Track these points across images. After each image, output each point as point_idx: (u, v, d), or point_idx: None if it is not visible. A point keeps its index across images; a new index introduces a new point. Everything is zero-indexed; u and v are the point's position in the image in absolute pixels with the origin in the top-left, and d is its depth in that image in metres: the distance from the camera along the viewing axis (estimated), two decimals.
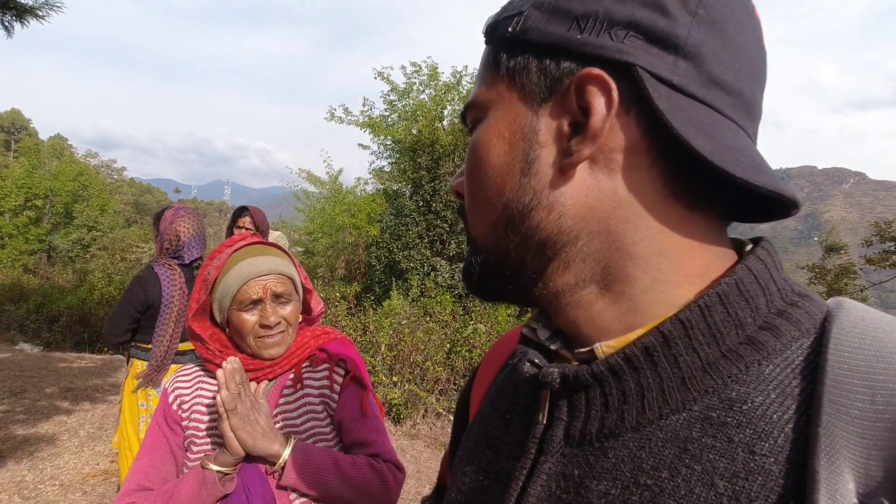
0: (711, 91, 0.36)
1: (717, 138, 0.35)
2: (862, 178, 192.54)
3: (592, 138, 0.36)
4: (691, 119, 0.34)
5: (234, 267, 1.10)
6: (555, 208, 0.38)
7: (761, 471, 0.30)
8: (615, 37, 0.35)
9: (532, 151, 0.38)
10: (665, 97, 0.34)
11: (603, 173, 0.37)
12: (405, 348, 5.49)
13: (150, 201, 43.92)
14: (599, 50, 0.35)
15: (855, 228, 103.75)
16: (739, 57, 0.37)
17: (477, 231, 0.42)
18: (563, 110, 0.37)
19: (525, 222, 0.39)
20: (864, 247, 11.07)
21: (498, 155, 0.40)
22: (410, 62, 9.13)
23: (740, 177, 0.34)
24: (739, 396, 0.33)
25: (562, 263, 0.38)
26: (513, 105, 0.39)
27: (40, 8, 4.25)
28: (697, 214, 0.37)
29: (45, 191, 20.83)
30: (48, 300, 9.89)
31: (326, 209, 10.22)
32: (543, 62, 0.38)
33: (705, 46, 0.35)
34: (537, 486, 0.38)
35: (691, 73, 0.35)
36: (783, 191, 0.35)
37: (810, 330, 0.34)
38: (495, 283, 0.42)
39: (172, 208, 2.74)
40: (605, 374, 0.36)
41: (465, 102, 5.62)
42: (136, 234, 14.79)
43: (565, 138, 0.37)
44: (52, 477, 3.58)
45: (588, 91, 0.35)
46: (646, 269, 0.37)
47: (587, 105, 0.35)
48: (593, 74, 0.35)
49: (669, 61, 0.35)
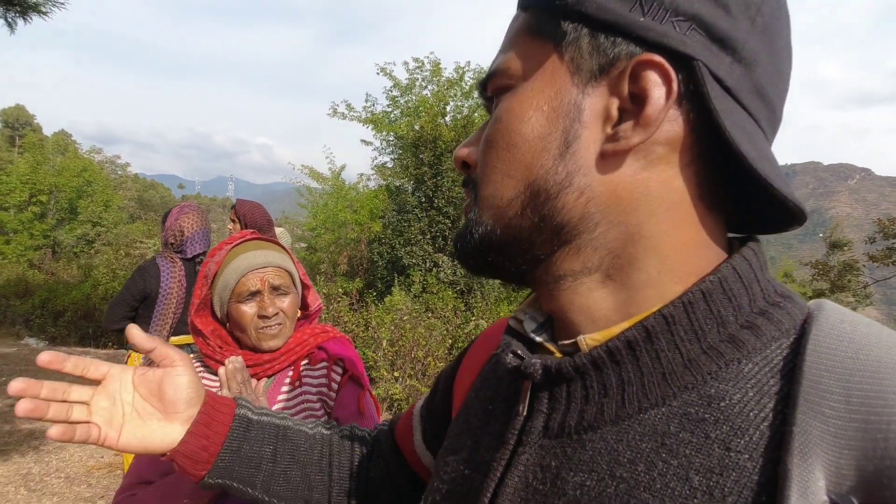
0: (755, 101, 0.36)
1: (758, 147, 0.35)
2: (868, 174, 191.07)
3: (645, 127, 0.34)
4: (739, 124, 0.34)
5: (232, 261, 1.13)
6: (585, 192, 0.36)
7: (736, 467, 0.31)
8: (678, 27, 0.34)
9: (573, 130, 0.36)
10: (720, 97, 0.34)
11: (640, 164, 0.36)
12: (407, 344, 5.50)
13: (153, 197, 44.01)
14: (662, 38, 0.34)
15: (860, 225, 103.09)
16: (779, 70, 0.37)
17: (489, 202, 0.40)
18: (613, 93, 0.36)
19: (550, 202, 0.37)
20: (868, 243, 11.01)
21: (533, 128, 0.37)
22: (413, 58, 9.13)
23: (778, 188, 0.34)
24: (718, 393, 0.33)
25: (573, 249, 0.38)
26: (557, 78, 0.37)
27: (43, 4, 4.26)
28: (713, 215, 0.38)
29: (50, 186, 20.90)
30: (53, 295, 9.94)
31: (329, 205, 10.22)
32: (598, 38, 0.35)
33: (760, 55, 0.35)
34: (515, 477, 0.39)
35: (743, 79, 0.35)
36: (802, 206, 0.36)
37: (790, 330, 0.35)
38: (495, 257, 0.41)
39: (179, 206, 2.82)
40: (586, 366, 0.37)
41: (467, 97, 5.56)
42: (139, 230, 14.84)
43: (612, 122, 0.36)
44: (57, 469, 3.62)
45: (645, 77, 0.34)
46: (656, 263, 0.37)
47: (643, 92, 0.34)
48: (655, 61, 0.34)
49: (727, 63, 0.34)
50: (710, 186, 0.37)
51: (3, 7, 4.11)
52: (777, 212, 0.38)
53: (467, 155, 0.43)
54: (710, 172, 0.36)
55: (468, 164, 0.43)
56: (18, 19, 4.22)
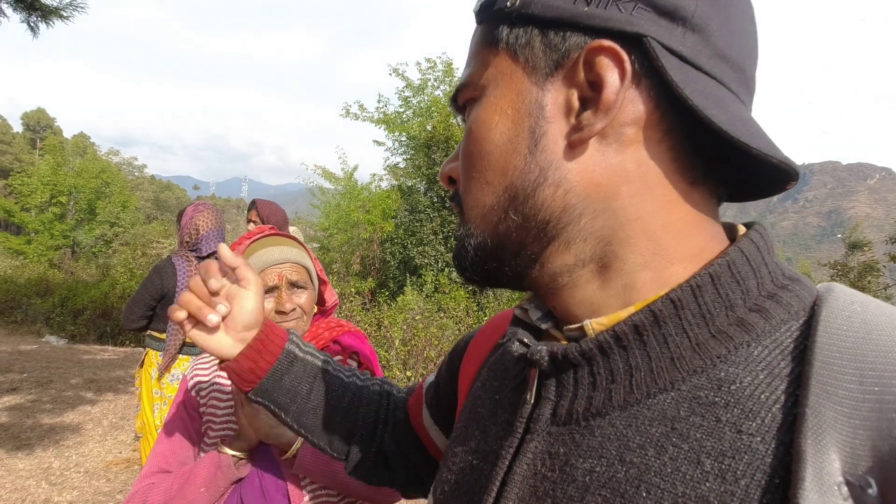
0: (718, 64, 0.35)
1: (728, 110, 0.34)
2: (889, 173, 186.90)
3: (605, 111, 0.35)
4: (703, 91, 0.34)
5: (250, 256, 1.14)
6: (561, 185, 0.37)
7: (748, 450, 0.30)
8: (623, 8, 0.34)
9: (539, 127, 0.37)
10: (677, 69, 0.34)
11: (612, 148, 0.36)
12: (419, 343, 5.51)
13: (169, 198, 44.62)
14: (608, 22, 0.34)
15: (880, 225, 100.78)
16: (738, 32, 0.37)
17: (474, 213, 0.41)
18: (572, 84, 0.36)
19: (529, 201, 0.38)
20: (888, 244, 10.77)
21: (501, 133, 0.38)
22: (425, 58, 9.14)
23: (755, 147, 0.33)
24: (728, 377, 0.33)
25: (562, 243, 0.38)
26: (515, 80, 0.38)
27: (64, 9, 4.35)
28: (697, 191, 0.37)
29: (70, 188, 21.31)
30: (73, 294, 10.13)
31: (342, 205, 10.28)
32: (548, 35, 0.36)
33: (712, 20, 0.35)
34: (523, 465, 0.39)
35: (699, 46, 0.35)
36: (789, 162, 0.35)
37: (800, 313, 0.34)
38: (492, 265, 0.41)
39: (194, 204, 2.83)
40: (593, 352, 0.36)
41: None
42: (156, 230, 15.06)
43: (574, 113, 0.36)
44: (77, 464, 3.69)
45: (598, 63, 0.34)
46: (647, 244, 0.36)
47: (598, 78, 0.35)
48: (604, 46, 0.34)
49: (679, 33, 0.34)
50: (688, 161, 0.37)
51: (26, 12, 4.21)
52: (768, 172, 0.37)
53: (451, 170, 0.44)
54: (685, 146, 0.36)
55: (454, 180, 0.44)
56: (41, 23, 4.32)
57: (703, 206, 0.38)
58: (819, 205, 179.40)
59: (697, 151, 0.36)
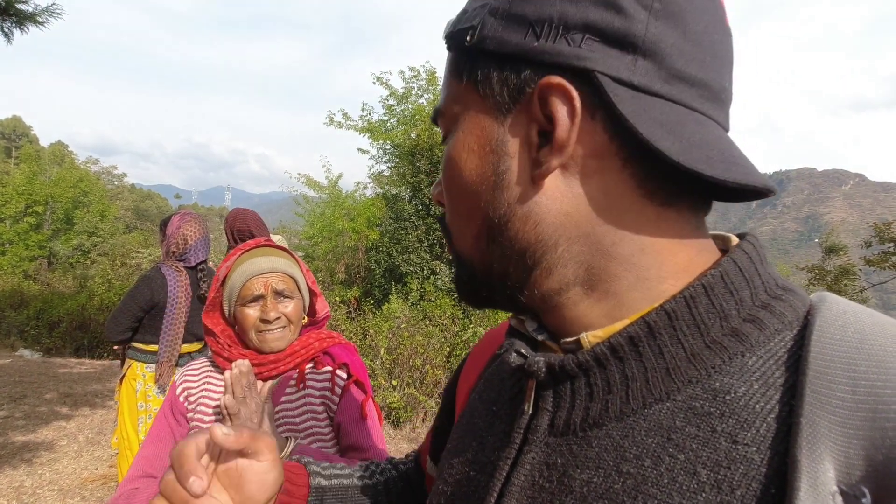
0: (675, 86, 0.35)
1: (684, 136, 0.34)
2: (862, 180, 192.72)
3: (560, 149, 0.35)
4: (656, 119, 0.34)
5: (240, 266, 1.18)
6: (530, 218, 0.37)
7: (744, 459, 0.30)
8: (572, 41, 0.34)
9: (502, 164, 0.38)
10: (628, 100, 0.33)
11: (575, 179, 0.36)
12: (404, 352, 5.48)
13: (150, 207, 44.00)
14: (557, 57, 0.34)
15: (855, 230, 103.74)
16: (702, 44, 0.36)
17: (460, 244, 0.42)
18: (529, 119, 0.36)
19: (503, 234, 0.38)
20: (863, 248, 11.08)
21: (470, 170, 0.39)
22: (409, 67, 9.18)
23: (708, 174, 0.33)
24: (723, 387, 0.33)
25: (544, 271, 0.38)
26: (479, 117, 0.39)
27: (40, 14, 4.27)
28: (673, 210, 0.37)
29: (46, 197, 20.90)
30: (48, 306, 9.89)
31: (326, 214, 10.23)
32: (504, 72, 0.37)
33: (664, 41, 0.34)
34: (521, 476, 0.38)
35: (652, 72, 0.34)
36: (755, 182, 0.35)
37: (793, 323, 0.35)
38: (484, 293, 0.42)
39: (180, 214, 2.79)
40: (590, 363, 0.36)
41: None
42: (136, 240, 14.81)
43: (534, 148, 0.36)
44: (50, 482, 3.58)
45: (551, 101, 0.35)
46: (628, 267, 0.36)
47: (551, 114, 0.35)
48: (553, 84, 0.34)
49: (628, 62, 0.34)
50: (655, 184, 0.36)
51: (0, 17, 4.12)
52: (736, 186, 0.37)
53: (438, 195, 0.46)
54: (649, 171, 0.36)
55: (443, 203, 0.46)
56: (15, 29, 4.23)
57: (682, 222, 0.37)
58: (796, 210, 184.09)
59: (663, 175, 0.36)
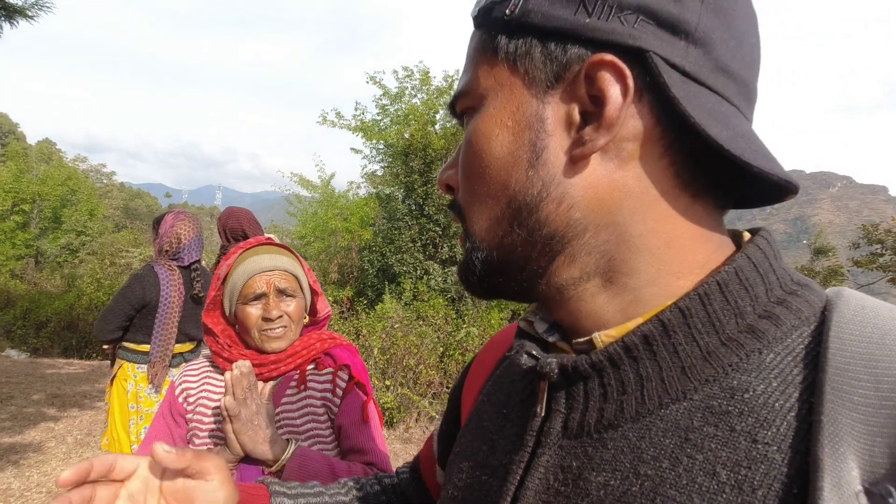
0: (720, 79, 0.35)
1: (730, 126, 0.34)
2: (849, 182, 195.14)
3: (608, 128, 0.34)
4: (705, 107, 0.33)
5: (241, 264, 1.16)
6: (564, 200, 0.36)
7: (764, 459, 0.30)
8: (625, 21, 0.33)
9: (540, 141, 0.36)
10: (679, 84, 0.33)
11: (613, 163, 0.35)
12: (398, 352, 5.46)
13: (140, 206, 43.58)
14: (610, 35, 0.33)
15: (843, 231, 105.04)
16: (743, 45, 0.36)
17: (478, 227, 0.40)
18: (573, 97, 0.36)
19: (533, 216, 0.37)
20: (851, 249, 11.22)
21: (501, 145, 0.37)
22: (403, 66, 9.15)
23: (756, 166, 0.33)
24: (741, 385, 0.33)
25: (567, 257, 0.37)
26: (515, 92, 0.37)
27: (30, 8, 4.21)
28: (700, 205, 0.37)
29: (33, 195, 20.61)
30: (36, 306, 9.75)
31: (319, 213, 10.17)
32: (548, 47, 0.36)
33: (714, 33, 0.34)
34: (535, 479, 0.38)
35: (702, 60, 0.34)
36: (790, 178, 0.35)
37: (810, 318, 0.34)
38: (498, 280, 0.41)
39: (173, 212, 2.76)
40: (604, 363, 0.36)
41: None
42: (125, 239, 14.64)
43: (575, 127, 0.36)
44: (38, 484, 3.52)
45: (600, 78, 0.34)
46: (651, 260, 0.36)
47: (600, 93, 0.34)
48: (606, 61, 0.33)
49: (681, 47, 0.34)
50: (689, 175, 0.36)
51: None
52: (769, 184, 0.37)
53: (449, 178, 0.44)
54: (686, 161, 0.36)
55: (452, 187, 0.44)
56: (4, 23, 4.17)
57: (707, 217, 0.37)
58: (785, 212, 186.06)
59: (699, 165, 0.36)
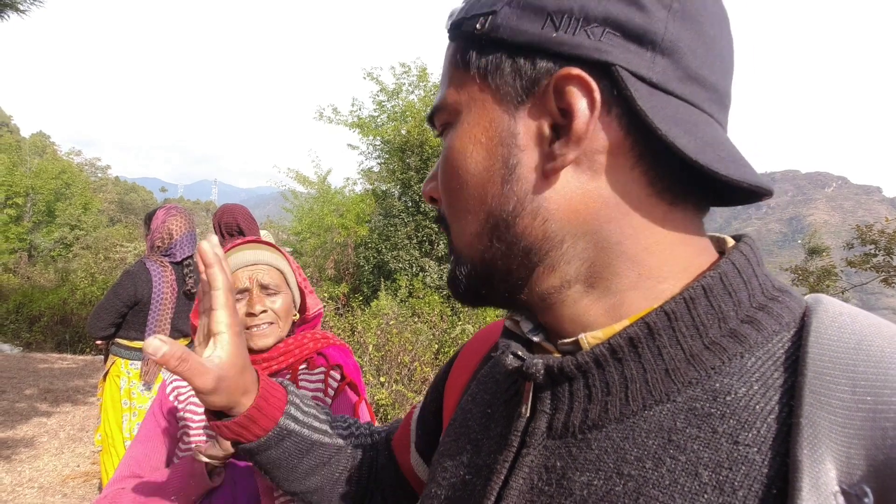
0: (689, 87, 0.35)
1: (698, 135, 0.34)
2: (844, 182, 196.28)
3: (577, 141, 0.35)
4: (672, 117, 0.34)
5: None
6: (539, 214, 0.37)
7: (745, 460, 0.31)
8: (592, 34, 0.34)
9: (513, 157, 0.37)
10: (646, 96, 0.34)
11: (586, 175, 0.36)
12: (393, 349, 5.47)
13: (135, 200, 43.36)
14: (577, 49, 0.34)
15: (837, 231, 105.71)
16: (713, 50, 0.36)
17: (460, 241, 0.41)
18: (543, 112, 0.36)
19: (510, 230, 0.37)
20: (845, 249, 11.29)
21: (476, 162, 0.38)
22: (400, 63, 9.12)
23: (723, 174, 0.34)
24: (723, 388, 0.33)
25: (547, 268, 0.38)
26: (487, 107, 0.38)
27: (21, 2, 4.17)
28: (679, 210, 0.37)
29: (27, 189, 20.48)
30: (28, 300, 9.70)
31: (315, 209, 10.16)
32: (517, 62, 0.36)
33: (682, 41, 0.34)
34: (519, 479, 0.38)
35: (669, 70, 0.34)
36: (761, 183, 0.36)
37: (790, 324, 0.35)
38: (482, 291, 0.41)
39: (165, 207, 2.74)
40: (589, 364, 0.36)
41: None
42: (120, 234, 14.56)
43: (547, 141, 0.36)
44: (30, 479, 3.51)
45: (568, 92, 0.34)
46: (631, 266, 0.36)
47: (568, 107, 0.34)
48: (573, 75, 0.34)
49: (647, 58, 0.34)
50: (665, 183, 0.36)
51: None
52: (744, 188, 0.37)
53: (431, 190, 0.44)
54: (660, 169, 0.36)
55: (434, 199, 0.44)
56: None
57: (687, 222, 0.38)
58: (780, 212, 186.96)
59: (674, 174, 0.36)
